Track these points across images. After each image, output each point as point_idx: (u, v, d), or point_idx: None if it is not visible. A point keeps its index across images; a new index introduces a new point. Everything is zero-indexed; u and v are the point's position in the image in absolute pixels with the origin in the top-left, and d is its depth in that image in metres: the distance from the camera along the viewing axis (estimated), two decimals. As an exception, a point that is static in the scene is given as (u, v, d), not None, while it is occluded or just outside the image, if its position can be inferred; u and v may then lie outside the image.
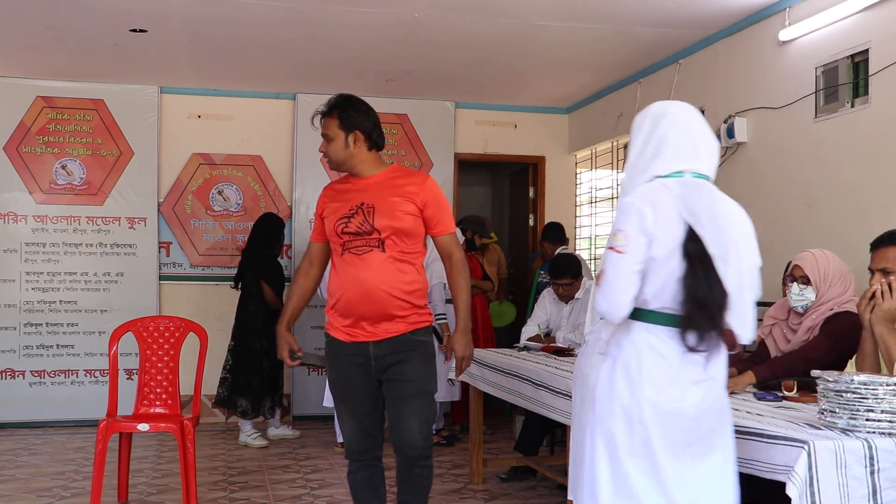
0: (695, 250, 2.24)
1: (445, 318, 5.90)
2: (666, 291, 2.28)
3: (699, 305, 2.24)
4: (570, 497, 3.05)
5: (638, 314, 2.33)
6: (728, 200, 2.36)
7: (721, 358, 2.34)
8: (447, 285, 3.85)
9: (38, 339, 6.89)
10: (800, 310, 3.49)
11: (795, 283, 3.49)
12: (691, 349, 2.26)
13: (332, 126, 3.42)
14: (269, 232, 6.41)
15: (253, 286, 6.26)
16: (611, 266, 2.30)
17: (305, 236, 7.15)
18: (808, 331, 3.46)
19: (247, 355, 6.20)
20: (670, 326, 2.29)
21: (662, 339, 2.30)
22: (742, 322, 2.28)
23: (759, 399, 3.09)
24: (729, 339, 2.33)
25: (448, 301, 6.12)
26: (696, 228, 2.24)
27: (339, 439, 6.04)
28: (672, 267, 2.26)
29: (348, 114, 3.42)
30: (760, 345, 3.73)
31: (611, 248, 2.30)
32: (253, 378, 6.16)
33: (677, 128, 2.38)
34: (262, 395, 6.23)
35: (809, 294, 3.45)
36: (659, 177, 2.35)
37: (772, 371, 3.29)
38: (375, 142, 3.40)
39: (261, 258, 6.30)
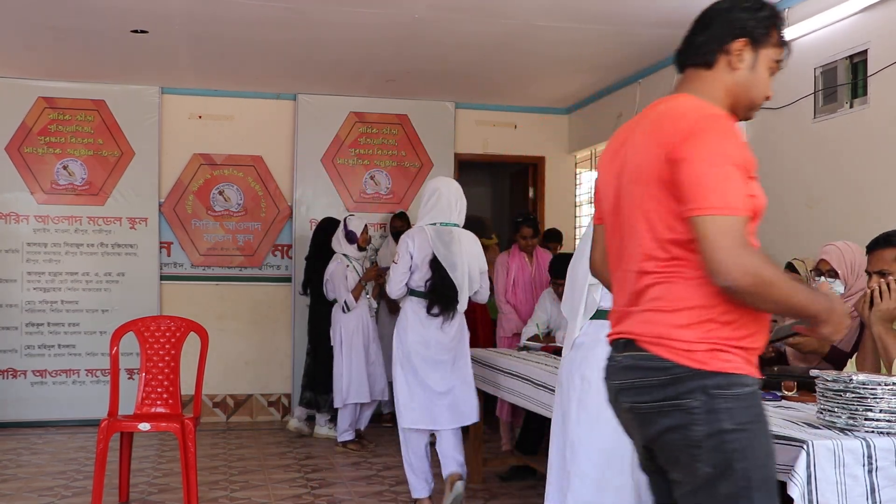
0: (434, 263, 4.41)
1: None
2: (421, 281, 4.45)
3: (437, 292, 4.41)
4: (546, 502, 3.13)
5: (409, 292, 4.50)
6: (465, 235, 4.50)
7: (454, 320, 4.46)
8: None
9: (39, 338, 6.91)
10: None
11: (823, 277, 3.48)
12: (433, 315, 4.44)
13: None
14: (325, 236, 6.46)
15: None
16: (392, 270, 4.48)
17: (306, 236, 7.14)
18: None
19: (324, 355, 6.28)
20: (421, 298, 4.46)
21: (418, 305, 4.47)
22: (463, 303, 4.46)
23: (759, 398, 3.09)
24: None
25: None
26: (435, 251, 4.40)
27: (340, 439, 6.06)
28: (425, 270, 4.43)
29: None
30: None
31: (394, 261, 4.49)
32: (330, 376, 6.23)
33: (441, 200, 4.49)
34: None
35: (838, 287, 3.44)
36: (424, 225, 4.46)
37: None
38: None
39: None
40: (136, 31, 5.60)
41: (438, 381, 4.42)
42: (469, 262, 4.41)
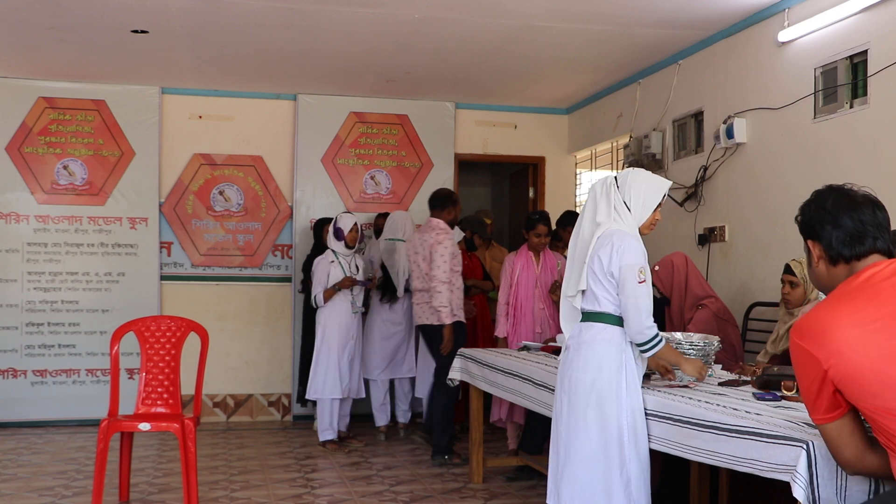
0: (382, 266, 6.39)
1: None
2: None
3: (383, 286, 6.39)
4: (549, 502, 3.21)
5: None
6: (401, 246, 6.19)
7: (400, 304, 6.35)
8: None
9: (39, 338, 6.91)
10: None
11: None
12: (382, 302, 6.39)
13: None
14: (318, 236, 6.69)
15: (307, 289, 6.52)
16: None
17: (305, 235, 7.17)
18: None
19: (311, 353, 6.31)
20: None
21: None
22: (400, 291, 6.28)
23: (759, 399, 3.10)
24: None
25: None
26: (382, 259, 6.41)
27: (321, 438, 6.05)
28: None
29: None
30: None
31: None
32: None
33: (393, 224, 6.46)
34: None
35: None
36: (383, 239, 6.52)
37: None
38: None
39: (308, 263, 6.58)
40: (136, 31, 5.60)
41: (384, 345, 6.41)
42: (402, 265, 6.23)
